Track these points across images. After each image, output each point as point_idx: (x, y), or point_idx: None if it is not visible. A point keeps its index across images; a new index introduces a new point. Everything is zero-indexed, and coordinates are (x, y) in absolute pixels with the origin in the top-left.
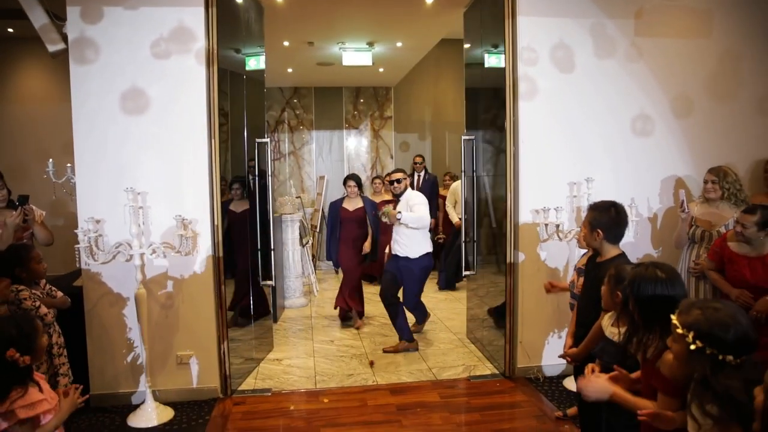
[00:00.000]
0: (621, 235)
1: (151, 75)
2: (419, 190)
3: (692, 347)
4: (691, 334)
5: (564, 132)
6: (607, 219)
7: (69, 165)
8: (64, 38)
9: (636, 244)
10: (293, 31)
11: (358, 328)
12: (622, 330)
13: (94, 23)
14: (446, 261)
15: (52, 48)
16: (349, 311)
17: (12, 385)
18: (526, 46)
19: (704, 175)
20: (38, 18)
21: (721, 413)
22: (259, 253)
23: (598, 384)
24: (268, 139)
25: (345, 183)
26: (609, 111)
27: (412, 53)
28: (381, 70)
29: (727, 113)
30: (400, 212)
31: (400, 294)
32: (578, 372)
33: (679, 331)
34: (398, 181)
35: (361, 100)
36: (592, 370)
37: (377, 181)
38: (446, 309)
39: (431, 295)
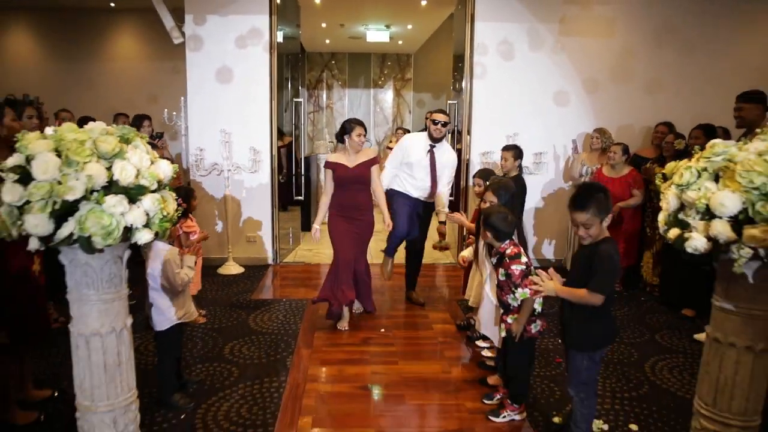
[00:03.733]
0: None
1: (234, 59)
2: None
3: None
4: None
5: (505, 101)
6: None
7: (174, 113)
8: (183, 34)
9: (555, 178)
10: (328, 16)
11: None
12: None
13: (200, 25)
14: None
15: (176, 41)
16: (344, 306)
17: (180, 217)
18: (480, 42)
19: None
20: (168, 21)
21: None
22: (293, 177)
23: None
24: (302, 99)
25: (349, 131)
26: (538, 88)
27: (422, 32)
28: (400, 42)
29: (623, 91)
30: (443, 211)
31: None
32: None
33: (481, 189)
34: (444, 124)
35: (389, 63)
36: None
37: (400, 131)
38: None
39: None
